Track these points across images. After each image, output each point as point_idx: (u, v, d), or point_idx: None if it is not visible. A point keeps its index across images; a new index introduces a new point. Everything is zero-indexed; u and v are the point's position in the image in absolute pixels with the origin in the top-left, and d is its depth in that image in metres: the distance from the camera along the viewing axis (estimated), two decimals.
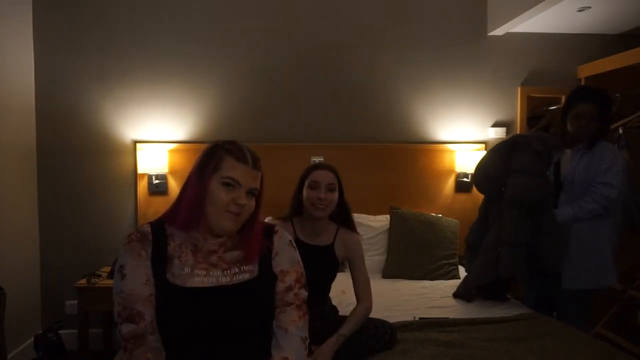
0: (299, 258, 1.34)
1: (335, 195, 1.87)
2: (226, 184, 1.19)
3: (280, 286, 1.28)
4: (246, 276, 1.23)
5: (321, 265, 1.86)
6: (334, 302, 2.04)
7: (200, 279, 1.19)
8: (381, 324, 1.85)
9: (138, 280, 1.16)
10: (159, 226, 1.24)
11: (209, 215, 1.20)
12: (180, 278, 1.18)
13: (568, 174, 2.32)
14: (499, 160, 2.41)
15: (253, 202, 1.25)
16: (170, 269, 1.19)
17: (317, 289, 1.77)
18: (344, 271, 2.35)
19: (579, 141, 2.30)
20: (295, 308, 1.26)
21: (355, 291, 1.89)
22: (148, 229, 1.23)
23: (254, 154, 1.27)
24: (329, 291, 1.98)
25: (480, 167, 2.53)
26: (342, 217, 1.95)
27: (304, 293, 1.31)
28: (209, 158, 1.22)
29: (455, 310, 2.35)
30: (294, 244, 1.36)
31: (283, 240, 1.33)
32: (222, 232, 1.23)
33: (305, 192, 1.85)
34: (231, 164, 1.20)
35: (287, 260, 1.31)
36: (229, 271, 1.22)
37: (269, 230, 1.33)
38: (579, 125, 2.27)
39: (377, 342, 1.78)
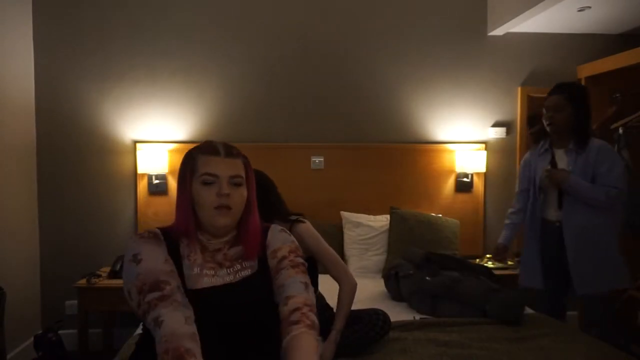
0: (293, 239, 1.34)
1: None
2: (205, 183, 1.18)
3: (273, 262, 1.27)
4: (247, 272, 1.24)
5: None
6: (334, 303, 2.04)
7: (209, 279, 1.19)
8: (373, 311, 1.86)
9: (157, 260, 1.14)
10: (167, 231, 1.24)
11: (202, 219, 1.20)
12: (190, 279, 1.17)
13: None
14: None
15: (242, 191, 1.23)
16: (182, 268, 1.19)
17: None
18: None
19: (554, 133, 2.31)
20: (289, 268, 1.24)
21: (331, 276, 1.82)
22: (158, 230, 1.23)
23: (229, 145, 1.26)
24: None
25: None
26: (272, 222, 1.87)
27: (300, 259, 1.28)
28: (186, 164, 1.23)
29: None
30: (286, 230, 1.36)
31: (274, 231, 1.33)
32: (219, 231, 1.23)
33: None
34: (204, 160, 1.20)
35: (279, 241, 1.30)
36: (232, 269, 1.23)
37: (265, 230, 1.33)
38: (547, 117, 2.30)
39: (371, 329, 1.79)
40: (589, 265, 2.22)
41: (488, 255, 3.20)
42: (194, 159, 1.22)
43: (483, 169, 3.34)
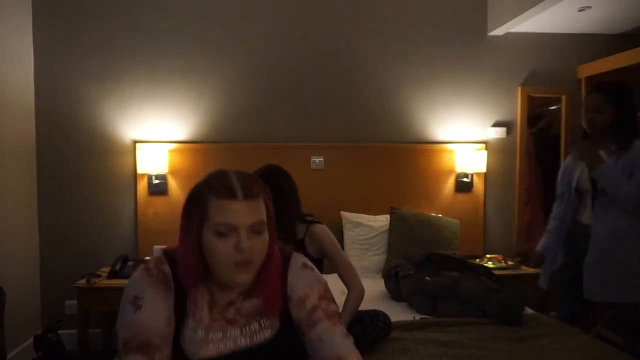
0: (319, 276, 1.12)
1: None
2: (220, 234, 0.95)
3: (302, 312, 1.04)
4: (267, 334, 1.04)
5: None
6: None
7: (216, 345, 0.99)
8: (374, 312, 1.88)
9: (158, 316, 0.95)
10: (176, 266, 1.02)
11: (215, 272, 0.98)
12: (191, 344, 0.98)
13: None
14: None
15: (264, 238, 1.00)
16: (183, 329, 0.99)
17: None
18: None
19: (594, 134, 2.19)
20: (325, 320, 1.03)
21: (342, 279, 1.88)
22: (168, 270, 1.01)
23: (246, 179, 1.00)
24: None
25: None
26: (284, 221, 1.83)
27: (334, 306, 1.08)
28: (193, 206, 0.99)
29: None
30: (309, 264, 1.14)
31: (295, 269, 1.10)
32: (239, 286, 1.02)
33: None
34: (217, 205, 0.95)
35: (303, 285, 1.08)
36: (247, 329, 1.02)
37: (285, 260, 1.10)
38: (587, 119, 2.18)
39: (372, 330, 1.80)
40: (602, 271, 2.14)
41: (488, 255, 3.20)
42: (205, 202, 0.97)
43: (483, 169, 3.33)
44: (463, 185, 3.37)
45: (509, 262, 3.11)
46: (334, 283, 1.97)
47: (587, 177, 2.22)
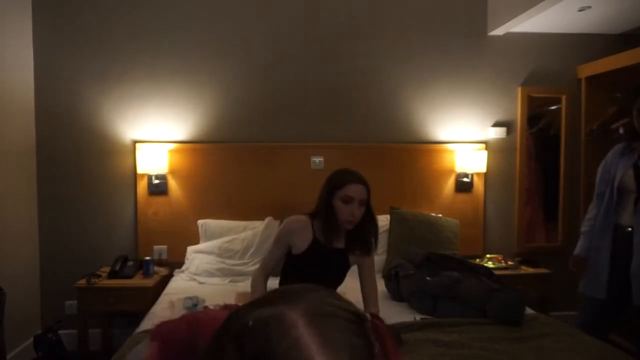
0: None
1: (364, 208, 1.89)
2: None
3: None
4: None
5: (334, 267, 1.93)
6: None
7: None
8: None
9: None
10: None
11: None
12: None
13: None
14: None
15: None
16: None
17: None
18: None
19: None
20: None
21: (363, 295, 1.96)
22: None
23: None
24: None
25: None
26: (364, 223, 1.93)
27: None
28: None
29: None
30: None
31: None
32: None
33: (337, 204, 1.86)
34: None
35: None
36: None
37: None
38: None
39: None
40: None
41: (488, 255, 3.20)
42: None
43: (483, 169, 3.33)
44: (463, 185, 3.37)
45: (509, 262, 3.11)
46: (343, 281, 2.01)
47: (631, 177, 2.12)
